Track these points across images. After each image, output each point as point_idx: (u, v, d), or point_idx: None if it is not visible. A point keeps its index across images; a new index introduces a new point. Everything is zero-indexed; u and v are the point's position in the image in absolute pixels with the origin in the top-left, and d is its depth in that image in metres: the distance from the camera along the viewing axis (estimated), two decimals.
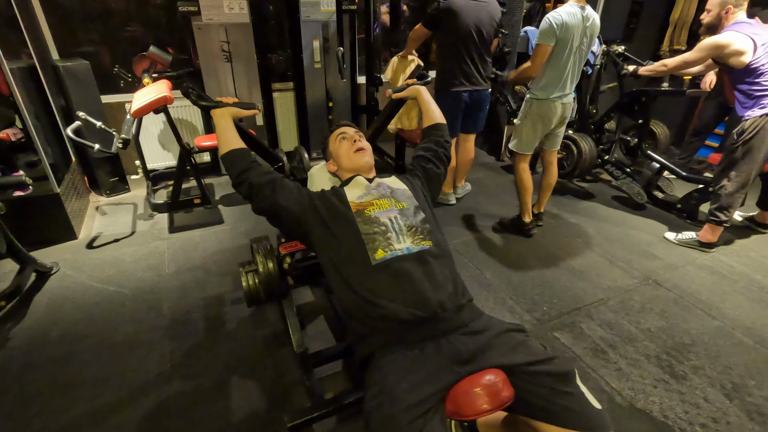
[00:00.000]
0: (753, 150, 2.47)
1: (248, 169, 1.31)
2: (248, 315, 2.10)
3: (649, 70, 2.85)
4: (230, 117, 1.42)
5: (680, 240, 2.88)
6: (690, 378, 1.78)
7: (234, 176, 1.32)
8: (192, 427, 1.54)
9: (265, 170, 1.34)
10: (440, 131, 1.62)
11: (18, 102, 2.36)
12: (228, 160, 1.34)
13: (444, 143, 1.60)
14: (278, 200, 1.30)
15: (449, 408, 1.01)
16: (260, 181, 1.30)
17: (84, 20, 3.43)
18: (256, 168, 1.33)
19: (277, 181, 1.32)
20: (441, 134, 1.62)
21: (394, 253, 1.17)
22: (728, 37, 2.38)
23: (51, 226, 2.65)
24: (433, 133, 1.62)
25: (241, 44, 3.39)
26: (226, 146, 1.35)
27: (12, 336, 1.95)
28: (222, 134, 1.38)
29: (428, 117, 1.66)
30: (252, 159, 1.35)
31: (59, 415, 1.58)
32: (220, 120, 1.40)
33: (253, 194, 1.31)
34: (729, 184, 2.56)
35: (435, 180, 1.54)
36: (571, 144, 3.42)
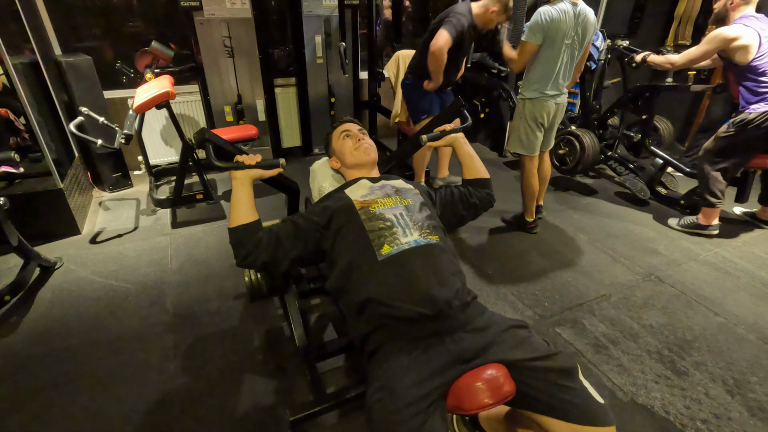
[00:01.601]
0: (748, 143, 2.52)
1: (252, 251, 1.22)
2: (251, 309, 2.10)
3: (656, 62, 2.82)
4: (250, 182, 1.29)
5: (682, 225, 2.92)
6: (692, 374, 1.78)
7: (239, 258, 1.24)
8: (195, 420, 1.55)
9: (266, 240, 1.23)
10: (487, 188, 1.50)
11: (21, 97, 2.37)
12: (235, 237, 1.24)
13: (485, 200, 1.48)
14: (293, 254, 1.25)
15: (451, 402, 1.01)
16: (268, 254, 1.23)
17: (86, 15, 3.43)
18: (260, 246, 1.23)
19: (280, 241, 1.24)
20: (488, 191, 1.50)
21: (401, 247, 1.16)
22: (736, 30, 2.35)
23: (54, 221, 2.66)
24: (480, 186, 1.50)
25: (243, 39, 3.39)
26: (236, 220, 1.24)
27: (16, 330, 1.97)
28: (236, 205, 1.26)
29: (472, 170, 1.51)
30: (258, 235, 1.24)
31: (62, 409, 1.59)
32: (239, 186, 1.27)
33: (270, 268, 1.26)
34: (711, 169, 2.65)
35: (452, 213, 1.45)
36: (574, 139, 3.40)
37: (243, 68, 3.50)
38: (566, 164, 3.50)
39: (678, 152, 3.80)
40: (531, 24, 2.30)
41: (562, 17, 2.24)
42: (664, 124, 3.78)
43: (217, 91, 3.51)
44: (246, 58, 3.47)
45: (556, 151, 3.54)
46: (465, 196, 1.46)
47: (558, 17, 2.24)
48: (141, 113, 2.76)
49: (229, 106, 3.60)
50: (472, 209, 1.47)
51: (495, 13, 2.52)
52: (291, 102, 4.01)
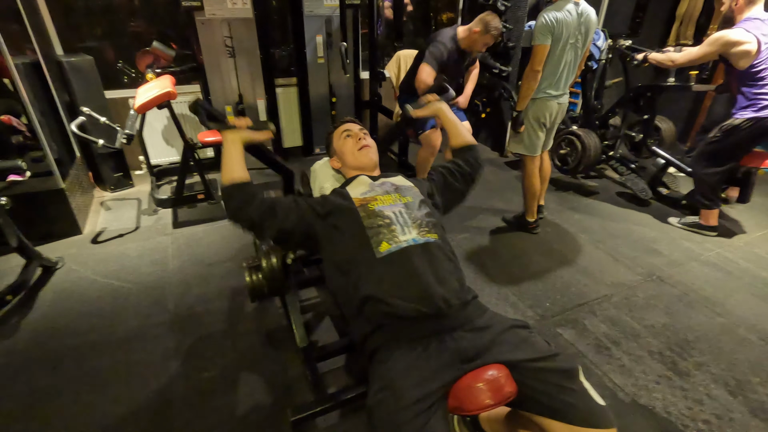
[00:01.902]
0: (734, 146, 2.61)
1: (244, 206, 1.24)
2: (252, 310, 2.11)
3: (657, 60, 2.80)
4: (241, 143, 1.35)
5: (683, 223, 2.96)
6: (693, 374, 1.77)
7: (230, 212, 1.26)
8: (196, 420, 1.55)
9: (260, 200, 1.26)
10: (473, 152, 1.53)
11: (23, 97, 2.37)
12: (226, 193, 1.27)
13: (475, 164, 1.51)
14: (283, 226, 1.26)
15: (452, 403, 1.01)
16: (259, 214, 1.25)
17: (87, 15, 3.44)
18: (252, 201, 1.25)
19: (275, 207, 1.27)
20: (474, 155, 1.52)
21: (399, 245, 1.16)
22: (738, 34, 2.34)
23: (56, 221, 2.66)
24: (467, 152, 1.53)
25: (244, 39, 3.39)
26: (228, 177, 1.27)
27: (18, 330, 1.97)
28: (227, 161, 1.30)
29: (458, 138, 1.56)
30: (250, 192, 1.27)
31: (64, 409, 1.59)
32: (230, 146, 1.32)
33: (256, 228, 1.27)
34: (702, 173, 2.74)
35: (451, 194, 1.48)
36: (575, 139, 3.40)
37: (244, 68, 3.50)
38: (567, 164, 3.50)
39: (679, 152, 3.79)
40: (538, 26, 2.28)
41: (566, 18, 2.24)
42: (665, 124, 3.77)
43: (218, 91, 3.51)
44: (247, 58, 3.47)
45: (558, 151, 3.53)
46: (455, 170, 1.49)
47: (563, 18, 2.23)
48: (142, 113, 2.76)
49: (230, 105, 3.60)
50: (467, 178, 1.50)
51: (478, 33, 2.58)
52: (292, 102, 4.01)
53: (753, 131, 2.51)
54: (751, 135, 2.53)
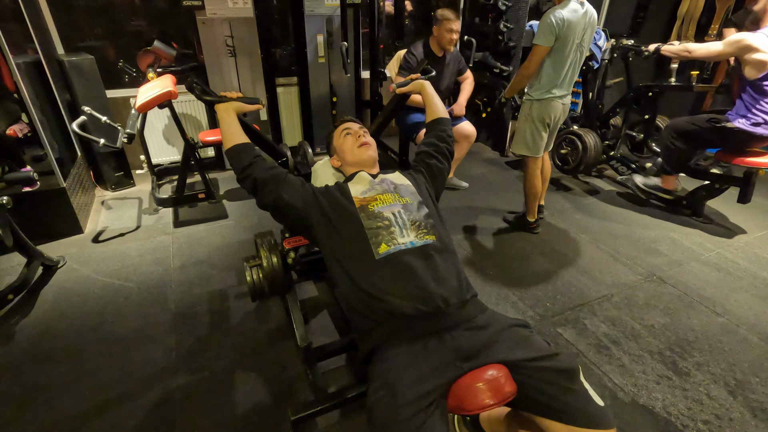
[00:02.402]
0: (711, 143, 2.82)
1: (252, 164, 1.31)
2: (252, 309, 2.11)
3: (672, 51, 2.77)
4: (234, 112, 1.42)
5: (646, 184, 3.24)
6: (693, 374, 1.77)
7: (238, 171, 1.32)
8: (197, 420, 1.56)
9: (269, 165, 1.34)
10: (443, 125, 1.61)
11: (24, 97, 2.38)
12: (232, 155, 1.34)
13: (446, 138, 1.58)
14: (282, 195, 1.30)
15: (452, 403, 1.01)
16: (264, 176, 1.30)
17: (89, 15, 3.44)
18: (260, 163, 1.32)
19: (281, 177, 1.32)
20: (443, 129, 1.60)
21: (398, 247, 1.17)
22: (759, 40, 2.31)
23: (57, 220, 2.67)
24: (436, 127, 1.61)
25: (245, 39, 3.39)
26: (230, 141, 1.36)
27: (19, 329, 1.98)
28: (226, 129, 1.38)
29: (431, 111, 1.65)
30: (256, 154, 1.35)
31: (66, 408, 1.60)
32: (224, 115, 1.40)
33: (258, 189, 1.31)
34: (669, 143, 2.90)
35: (439, 175, 1.53)
36: (576, 139, 3.40)
37: (245, 67, 3.51)
38: (568, 164, 3.50)
39: None
40: (543, 26, 2.25)
41: (573, 18, 2.23)
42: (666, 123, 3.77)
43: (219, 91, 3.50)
44: (248, 57, 3.47)
45: (558, 151, 3.53)
46: (432, 152, 1.55)
47: (570, 18, 2.22)
48: (143, 112, 2.76)
49: None
50: (445, 154, 1.56)
51: (435, 29, 2.79)
52: (293, 101, 4.01)
53: (738, 140, 2.63)
54: (735, 141, 2.66)
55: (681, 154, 2.91)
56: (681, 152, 2.90)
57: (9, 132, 2.49)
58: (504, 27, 3.75)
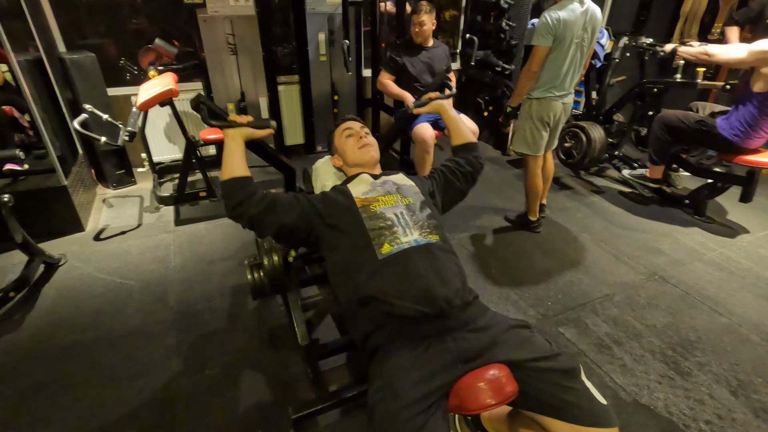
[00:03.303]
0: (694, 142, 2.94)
1: (242, 202, 1.23)
2: (253, 308, 2.11)
3: (690, 54, 2.68)
4: (242, 139, 1.33)
5: (632, 174, 3.37)
6: (695, 374, 1.77)
7: (229, 208, 1.25)
8: (198, 418, 1.56)
9: (260, 196, 1.25)
10: (474, 151, 1.53)
11: (25, 94, 2.38)
12: (226, 189, 1.26)
13: (476, 163, 1.51)
14: (283, 222, 1.25)
15: (453, 402, 1.01)
16: (259, 209, 1.23)
17: (90, 12, 3.43)
18: (251, 198, 1.24)
19: (274, 204, 1.26)
20: (476, 156, 1.52)
21: (401, 246, 1.16)
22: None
23: (59, 218, 2.67)
24: (468, 152, 1.53)
25: (246, 37, 3.38)
26: (229, 172, 1.27)
27: (21, 326, 1.98)
28: (227, 158, 1.29)
29: (459, 135, 1.56)
30: (250, 190, 1.25)
31: (66, 405, 1.60)
32: (230, 143, 1.31)
33: (256, 224, 1.25)
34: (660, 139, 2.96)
35: (451, 193, 1.48)
36: (580, 132, 3.36)
37: (246, 66, 3.50)
38: (572, 157, 3.45)
39: None
40: (539, 27, 2.25)
41: (570, 18, 2.21)
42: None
43: (220, 89, 3.51)
44: (249, 55, 3.46)
45: (562, 145, 3.50)
46: (456, 169, 1.49)
47: (567, 18, 2.20)
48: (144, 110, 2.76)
49: (232, 103, 3.60)
50: (468, 178, 1.50)
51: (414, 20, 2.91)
52: (294, 100, 4.00)
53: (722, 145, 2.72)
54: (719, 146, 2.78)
55: (667, 146, 2.99)
56: (668, 144, 2.98)
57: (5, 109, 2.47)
58: (506, 25, 3.73)
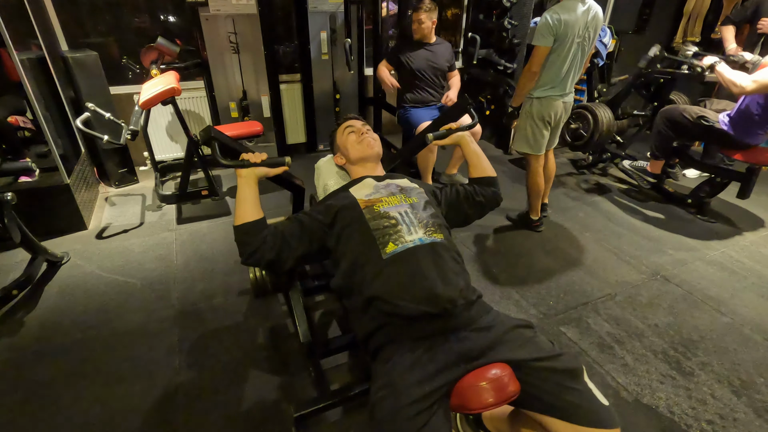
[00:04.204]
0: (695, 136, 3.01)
1: (258, 249, 1.22)
2: (255, 306, 2.11)
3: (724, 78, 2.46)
4: (255, 180, 1.30)
5: (633, 166, 3.45)
6: (697, 374, 1.77)
7: (245, 256, 1.24)
8: (199, 415, 1.56)
9: (270, 241, 1.23)
10: (493, 186, 1.47)
11: (28, 93, 2.38)
12: (240, 235, 1.24)
13: (491, 198, 1.46)
14: (298, 251, 1.25)
15: (455, 401, 1.01)
16: (274, 251, 1.22)
17: (92, 11, 3.44)
18: (265, 244, 1.22)
19: (285, 238, 1.24)
20: (494, 190, 1.47)
21: (405, 245, 1.16)
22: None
23: (61, 216, 2.68)
24: (487, 186, 1.47)
25: (248, 35, 3.38)
26: (242, 218, 1.24)
27: (24, 324, 1.99)
28: (241, 203, 1.26)
29: (478, 169, 1.49)
30: (264, 234, 1.24)
31: (69, 403, 1.61)
32: (243, 184, 1.28)
33: (275, 265, 1.25)
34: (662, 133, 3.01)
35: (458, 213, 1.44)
36: (586, 113, 3.33)
37: (248, 64, 3.50)
38: (581, 139, 3.40)
39: None
40: (540, 27, 2.24)
41: (571, 17, 2.20)
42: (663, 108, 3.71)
43: (222, 88, 3.51)
44: (251, 54, 3.46)
45: (568, 127, 3.46)
46: (470, 194, 1.44)
47: (568, 18, 2.19)
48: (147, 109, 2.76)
49: (234, 102, 3.60)
50: (478, 207, 1.45)
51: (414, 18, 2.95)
52: (296, 98, 4.00)
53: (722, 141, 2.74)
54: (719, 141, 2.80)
55: (669, 141, 3.02)
56: (669, 139, 3.01)
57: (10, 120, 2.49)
58: (508, 24, 3.72)
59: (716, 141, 2.85)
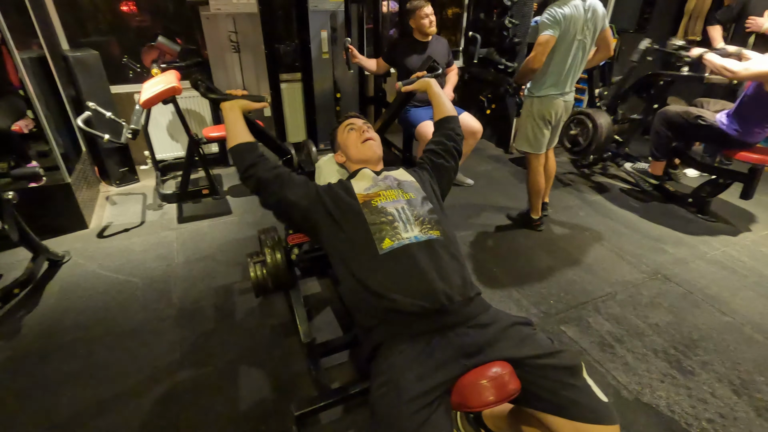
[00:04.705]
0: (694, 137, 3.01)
1: (255, 163, 1.29)
2: (256, 305, 2.12)
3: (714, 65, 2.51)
4: (239, 110, 1.40)
5: (634, 167, 3.44)
6: (698, 373, 1.77)
7: (241, 170, 1.31)
8: (200, 414, 1.57)
9: (273, 165, 1.32)
10: (451, 124, 1.57)
11: (29, 92, 2.38)
12: (236, 154, 1.33)
13: (455, 137, 1.54)
14: (287, 195, 1.28)
15: (455, 399, 1.01)
16: (268, 176, 1.29)
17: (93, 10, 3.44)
18: (264, 162, 1.31)
19: (284, 176, 1.31)
20: (452, 128, 1.56)
21: (401, 242, 1.16)
22: None
23: (62, 215, 2.68)
24: (444, 126, 1.57)
25: (249, 34, 3.38)
26: (234, 139, 1.34)
27: (25, 323, 1.99)
28: (230, 127, 1.36)
29: (439, 110, 1.60)
30: (259, 153, 1.33)
31: (70, 401, 1.61)
32: (229, 113, 1.38)
33: (261, 189, 1.30)
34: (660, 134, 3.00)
35: (445, 174, 1.50)
36: (585, 119, 3.33)
37: (249, 63, 3.50)
38: (579, 145, 3.40)
39: None
40: (545, 19, 2.22)
41: (574, 13, 2.20)
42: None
43: (223, 86, 3.50)
44: (252, 53, 3.46)
45: (567, 132, 3.46)
46: (439, 150, 1.52)
47: (570, 14, 2.19)
48: (147, 108, 2.76)
49: None
50: (453, 153, 1.53)
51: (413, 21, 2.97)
52: (296, 97, 4.00)
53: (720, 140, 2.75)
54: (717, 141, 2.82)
55: (668, 141, 3.01)
56: (668, 139, 3.00)
57: (14, 128, 2.50)
58: (509, 23, 3.72)
59: (715, 141, 2.86)
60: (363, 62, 3.18)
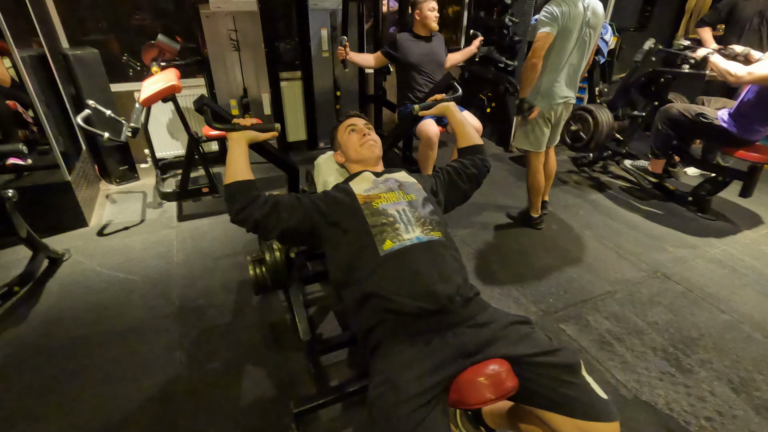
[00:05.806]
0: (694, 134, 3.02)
1: (247, 206, 1.22)
2: (255, 303, 2.12)
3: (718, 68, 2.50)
4: (246, 143, 1.32)
5: (635, 165, 3.49)
6: (696, 371, 1.77)
7: (233, 213, 1.24)
8: (200, 412, 1.57)
9: (263, 199, 1.25)
10: (480, 153, 1.51)
11: (29, 90, 2.39)
12: (229, 192, 1.25)
13: (482, 167, 1.49)
14: (288, 223, 1.24)
15: (453, 397, 1.02)
16: (262, 213, 1.23)
17: (93, 8, 3.44)
18: (255, 201, 1.24)
19: (278, 205, 1.25)
20: (482, 158, 1.50)
21: (403, 243, 1.16)
22: None
23: (62, 213, 2.69)
24: (474, 154, 1.51)
25: (248, 33, 3.38)
26: (233, 176, 1.26)
27: (25, 321, 2.00)
28: (231, 163, 1.28)
29: (465, 138, 1.54)
30: (253, 195, 1.24)
31: (69, 399, 1.62)
32: (234, 146, 1.30)
33: (261, 228, 1.25)
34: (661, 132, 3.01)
35: (456, 193, 1.47)
36: (586, 114, 3.33)
37: (249, 62, 3.49)
38: (580, 140, 3.39)
39: None
40: (544, 16, 2.21)
41: (573, 10, 2.20)
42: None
43: (222, 85, 3.51)
44: (252, 51, 3.46)
45: (568, 129, 3.45)
46: (461, 170, 1.47)
47: (569, 12, 2.19)
48: (147, 106, 2.77)
49: (234, 99, 3.60)
50: (472, 180, 1.49)
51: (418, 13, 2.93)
52: (296, 96, 4.00)
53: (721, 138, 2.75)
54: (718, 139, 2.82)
55: (669, 139, 3.01)
56: (669, 137, 3.00)
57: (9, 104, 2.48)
58: (509, 21, 3.71)
59: (716, 138, 2.85)
60: (355, 58, 3.09)
